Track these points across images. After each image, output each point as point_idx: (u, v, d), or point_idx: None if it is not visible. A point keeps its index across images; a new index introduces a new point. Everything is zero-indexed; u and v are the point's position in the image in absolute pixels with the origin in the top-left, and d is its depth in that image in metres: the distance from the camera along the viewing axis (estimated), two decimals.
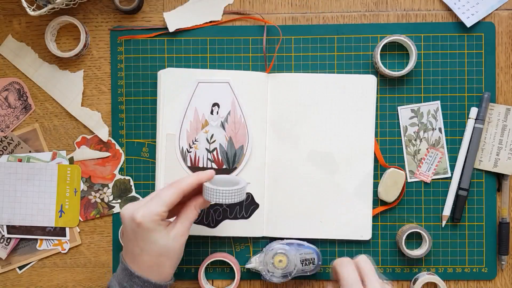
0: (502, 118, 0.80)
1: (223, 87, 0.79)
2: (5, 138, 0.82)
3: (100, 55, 0.82)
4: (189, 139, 0.79)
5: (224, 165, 0.79)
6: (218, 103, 0.79)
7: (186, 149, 0.79)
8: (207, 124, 0.79)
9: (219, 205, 0.79)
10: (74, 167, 0.81)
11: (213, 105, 0.79)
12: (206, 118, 0.79)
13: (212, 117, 0.79)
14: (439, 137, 0.80)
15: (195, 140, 0.79)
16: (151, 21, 0.82)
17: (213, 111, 0.79)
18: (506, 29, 0.80)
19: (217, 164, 0.79)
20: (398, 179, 0.78)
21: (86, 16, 0.82)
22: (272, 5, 0.81)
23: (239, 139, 0.79)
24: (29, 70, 0.82)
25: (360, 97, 0.79)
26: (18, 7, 0.82)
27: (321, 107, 0.79)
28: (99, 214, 0.81)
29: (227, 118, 0.79)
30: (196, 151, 0.79)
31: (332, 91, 0.79)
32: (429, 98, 0.80)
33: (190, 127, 0.79)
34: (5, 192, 0.81)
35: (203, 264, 0.78)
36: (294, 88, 0.79)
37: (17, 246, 0.82)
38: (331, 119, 0.79)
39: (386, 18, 0.81)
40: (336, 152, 0.79)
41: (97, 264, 0.82)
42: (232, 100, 0.79)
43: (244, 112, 0.78)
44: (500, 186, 0.80)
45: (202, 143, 0.79)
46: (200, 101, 0.79)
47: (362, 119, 0.79)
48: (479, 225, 0.80)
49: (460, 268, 0.80)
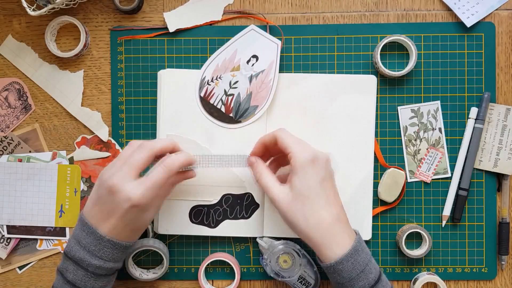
0: (502, 118, 0.80)
1: (271, 46, 0.78)
2: (5, 138, 0.82)
3: (100, 55, 0.82)
4: (215, 73, 0.79)
5: (231, 113, 0.79)
6: (257, 56, 0.78)
7: (208, 80, 0.79)
8: (238, 70, 0.79)
9: (219, 204, 0.79)
10: (74, 167, 0.81)
11: (252, 56, 0.79)
12: (240, 64, 0.79)
13: (245, 66, 0.79)
14: (439, 137, 0.80)
15: (219, 76, 0.79)
16: (151, 21, 0.82)
17: (250, 61, 0.79)
18: (506, 29, 0.80)
19: (226, 109, 0.79)
20: (398, 179, 0.78)
21: (86, 16, 0.82)
22: (272, 5, 0.81)
23: (257, 99, 0.79)
24: (29, 70, 0.82)
25: (360, 97, 0.79)
26: (18, 7, 0.82)
27: (320, 107, 0.79)
28: None
29: (258, 74, 0.79)
30: (215, 87, 0.79)
31: (332, 91, 0.79)
32: (429, 98, 0.80)
33: (222, 63, 0.79)
34: (5, 192, 0.81)
35: (203, 264, 0.78)
36: (294, 88, 0.79)
37: (17, 246, 0.82)
38: (331, 119, 0.79)
39: (386, 18, 0.81)
40: (336, 152, 0.79)
41: None
42: (272, 61, 0.78)
43: (275, 78, 0.78)
44: (500, 186, 0.80)
45: (225, 83, 0.79)
46: (244, 46, 0.79)
47: (362, 119, 0.79)
48: (479, 225, 0.80)
49: (460, 268, 0.80)
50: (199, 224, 0.80)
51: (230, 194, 0.79)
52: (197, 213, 0.79)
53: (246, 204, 0.79)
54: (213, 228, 0.79)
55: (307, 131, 0.79)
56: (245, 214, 0.79)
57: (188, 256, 0.81)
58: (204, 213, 0.79)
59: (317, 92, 0.79)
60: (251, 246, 0.81)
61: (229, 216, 0.79)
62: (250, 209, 0.79)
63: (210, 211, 0.79)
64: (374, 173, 0.80)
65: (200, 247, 0.81)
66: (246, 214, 0.79)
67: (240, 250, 0.81)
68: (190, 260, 0.81)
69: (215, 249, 0.81)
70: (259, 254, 0.81)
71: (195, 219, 0.79)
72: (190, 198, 0.79)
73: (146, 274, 0.79)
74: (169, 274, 0.81)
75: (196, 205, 0.79)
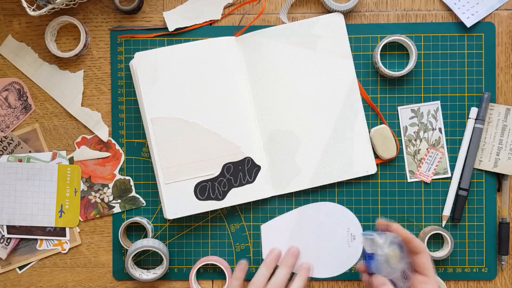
0: (502, 118, 0.80)
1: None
2: (5, 138, 0.82)
3: (100, 55, 0.82)
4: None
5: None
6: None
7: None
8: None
9: (222, 175, 0.78)
10: (74, 167, 0.81)
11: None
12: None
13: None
14: (439, 137, 0.80)
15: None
16: (151, 21, 0.82)
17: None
18: (506, 29, 0.80)
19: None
20: (385, 133, 0.79)
21: (86, 16, 0.82)
22: (272, 5, 0.81)
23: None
24: (29, 70, 0.82)
25: (331, 39, 0.79)
26: (18, 7, 0.82)
27: (296, 58, 0.79)
28: (99, 214, 0.81)
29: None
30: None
31: (302, 38, 0.79)
32: (429, 98, 0.80)
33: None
34: (5, 192, 0.81)
35: (194, 267, 0.79)
36: (266, 47, 0.79)
37: (17, 246, 0.82)
38: (309, 66, 0.79)
39: (386, 18, 0.81)
40: (323, 95, 0.79)
41: (97, 264, 0.82)
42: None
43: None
44: (500, 186, 0.80)
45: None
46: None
47: (340, 60, 0.79)
48: (479, 225, 0.80)
49: (460, 268, 0.80)
50: (207, 199, 0.79)
51: (230, 163, 0.79)
52: (202, 189, 0.79)
53: (248, 168, 0.79)
54: (221, 200, 0.79)
55: (289, 85, 0.79)
56: (249, 179, 0.79)
57: (188, 256, 0.81)
58: (209, 188, 0.79)
59: (290, 45, 0.79)
60: (251, 246, 0.81)
61: (234, 184, 0.79)
62: (253, 173, 0.79)
63: (215, 184, 0.79)
64: (366, 113, 0.80)
65: (200, 247, 0.81)
66: (250, 178, 0.79)
67: (240, 250, 0.81)
68: (190, 260, 0.81)
69: (215, 249, 0.81)
70: (259, 254, 0.81)
71: (202, 196, 0.78)
72: (192, 177, 0.78)
73: (146, 274, 0.79)
74: (169, 274, 0.81)
75: (199, 182, 0.78)
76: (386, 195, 0.80)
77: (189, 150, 0.78)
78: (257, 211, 0.81)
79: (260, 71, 0.79)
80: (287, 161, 0.79)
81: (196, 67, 0.78)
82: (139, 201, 0.81)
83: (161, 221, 0.81)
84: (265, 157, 0.79)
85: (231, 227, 0.81)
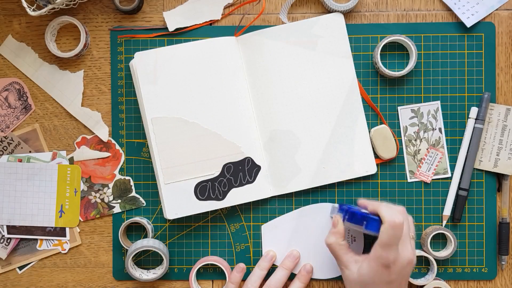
0: (502, 118, 0.80)
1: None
2: (5, 138, 0.82)
3: (100, 55, 0.82)
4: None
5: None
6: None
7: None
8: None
9: (222, 175, 0.78)
10: (74, 167, 0.81)
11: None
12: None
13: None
14: (439, 137, 0.80)
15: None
16: (151, 21, 0.82)
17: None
18: (506, 29, 0.80)
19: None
20: (385, 134, 0.79)
21: (86, 16, 0.82)
22: (272, 5, 0.81)
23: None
24: (29, 70, 0.82)
25: (331, 39, 0.79)
26: (18, 7, 0.82)
27: (296, 58, 0.79)
28: (99, 214, 0.81)
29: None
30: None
31: (302, 38, 0.79)
32: (429, 98, 0.80)
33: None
34: (5, 192, 0.81)
35: (194, 267, 0.79)
36: (266, 47, 0.79)
37: (17, 246, 0.82)
38: (309, 66, 0.79)
39: (386, 18, 0.81)
40: (323, 95, 0.79)
41: (97, 264, 0.82)
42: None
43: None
44: (500, 186, 0.80)
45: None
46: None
47: (340, 60, 0.79)
48: (479, 225, 0.80)
49: (460, 268, 0.80)
50: (207, 199, 0.79)
51: (230, 163, 0.78)
52: (202, 190, 0.78)
53: (248, 168, 0.79)
54: (221, 200, 0.79)
55: (289, 84, 0.79)
56: (249, 179, 0.79)
57: (188, 256, 0.81)
58: (209, 188, 0.79)
59: (290, 44, 0.79)
60: (251, 246, 0.81)
61: (234, 184, 0.79)
62: (253, 173, 0.79)
63: (215, 184, 0.79)
64: (366, 113, 0.80)
65: (200, 247, 0.81)
66: (250, 179, 0.79)
67: (240, 250, 0.81)
68: (190, 260, 0.81)
69: (215, 249, 0.81)
70: (260, 254, 0.81)
71: (202, 196, 0.78)
72: (192, 177, 0.78)
73: (146, 274, 0.79)
74: (169, 274, 0.81)
75: (199, 182, 0.78)
76: (386, 195, 0.80)
77: (189, 150, 0.78)
78: (257, 211, 0.81)
79: (260, 71, 0.79)
80: (287, 161, 0.79)
81: (196, 67, 0.78)
82: (139, 201, 0.81)
83: (161, 221, 0.81)
84: (265, 157, 0.79)
85: (231, 227, 0.81)
